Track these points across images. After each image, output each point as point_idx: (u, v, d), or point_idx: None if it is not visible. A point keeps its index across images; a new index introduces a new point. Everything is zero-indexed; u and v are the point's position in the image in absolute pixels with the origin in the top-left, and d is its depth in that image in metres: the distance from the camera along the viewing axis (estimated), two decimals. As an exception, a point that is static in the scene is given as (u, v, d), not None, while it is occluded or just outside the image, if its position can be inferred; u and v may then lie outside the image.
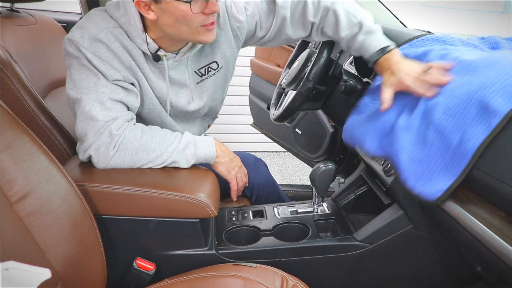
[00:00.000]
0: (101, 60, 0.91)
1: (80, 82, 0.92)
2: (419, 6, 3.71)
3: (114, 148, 0.92)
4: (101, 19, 0.93)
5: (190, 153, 0.99)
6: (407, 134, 0.88)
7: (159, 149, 0.96)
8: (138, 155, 0.95)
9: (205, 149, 1.01)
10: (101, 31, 0.91)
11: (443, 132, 0.80)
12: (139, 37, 0.94)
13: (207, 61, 1.08)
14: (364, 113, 1.06)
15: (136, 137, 0.94)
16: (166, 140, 0.97)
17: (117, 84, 0.94)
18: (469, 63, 0.85)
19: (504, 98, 0.72)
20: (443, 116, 0.81)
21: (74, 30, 0.93)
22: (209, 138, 1.04)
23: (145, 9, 0.89)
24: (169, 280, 0.89)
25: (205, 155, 1.01)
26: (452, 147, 0.77)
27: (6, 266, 0.56)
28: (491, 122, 0.72)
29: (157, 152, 0.96)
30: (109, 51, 0.92)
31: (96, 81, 0.91)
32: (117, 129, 0.92)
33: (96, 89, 0.91)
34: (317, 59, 1.04)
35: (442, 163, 0.79)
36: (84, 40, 0.90)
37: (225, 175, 1.07)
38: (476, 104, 0.75)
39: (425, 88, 0.88)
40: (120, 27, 0.93)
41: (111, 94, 0.92)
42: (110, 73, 0.92)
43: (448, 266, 1.05)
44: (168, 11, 0.87)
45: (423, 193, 0.81)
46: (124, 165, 0.95)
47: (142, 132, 0.96)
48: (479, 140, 0.73)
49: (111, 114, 0.92)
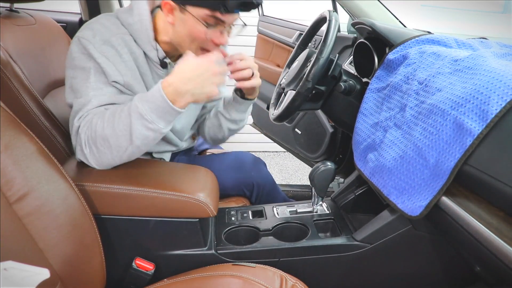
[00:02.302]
0: (107, 60, 0.93)
1: (75, 85, 0.93)
2: (419, 6, 3.71)
3: (86, 146, 0.89)
4: (112, 25, 0.96)
5: (143, 125, 0.85)
6: (390, 149, 0.93)
7: (127, 129, 0.85)
8: (112, 145, 0.87)
9: (154, 104, 0.84)
10: (113, 36, 0.94)
11: (420, 150, 0.83)
12: (149, 43, 0.97)
13: None
14: (367, 116, 1.08)
15: (98, 128, 0.86)
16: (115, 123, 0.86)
17: (114, 86, 0.94)
18: (446, 76, 0.86)
19: (477, 118, 0.73)
20: (420, 136, 0.84)
21: (85, 30, 0.94)
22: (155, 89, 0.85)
23: (167, 11, 0.94)
24: (168, 280, 0.89)
25: (157, 106, 0.84)
26: (430, 165, 0.81)
27: (5, 265, 0.56)
28: (465, 142, 0.74)
29: (126, 132, 0.85)
30: (117, 55, 0.94)
31: (88, 84, 0.91)
32: (84, 126, 0.89)
33: (87, 94, 0.91)
34: (316, 59, 1.04)
35: (421, 179, 0.84)
36: (95, 40, 0.92)
37: (201, 98, 0.87)
38: (451, 124, 0.78)
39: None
40: (130, 34, 0.97)
41: (99, 98, 0.92)
42: (113, 73, 0.93)
43: (447, 266, 1.05)
44: (186, 23, 0.92)
45: (405, 209, 0.86)
46: (106, 161, 0.89)
47: (103, 120, 0.87)
48: (454, 160, 0.76)
49: (84, 115, 0.90)
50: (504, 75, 0.74)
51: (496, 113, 0.71)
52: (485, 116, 0.72)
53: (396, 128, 0.95)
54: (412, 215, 0.84)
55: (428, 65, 0.93)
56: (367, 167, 1.01)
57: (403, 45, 1.06)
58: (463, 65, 0.85)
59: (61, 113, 1.19)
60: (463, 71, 0.84)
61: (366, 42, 1.20)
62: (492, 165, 0.71)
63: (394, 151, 0.92)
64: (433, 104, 0.83)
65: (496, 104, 0.72)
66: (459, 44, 1.03)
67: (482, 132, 0.72)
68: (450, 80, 0.84)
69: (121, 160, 0.91)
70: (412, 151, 0.85)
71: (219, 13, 0.90)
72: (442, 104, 0.81)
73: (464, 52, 0.95)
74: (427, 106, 0.85)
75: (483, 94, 0.74)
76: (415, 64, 0.97)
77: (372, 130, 1.04)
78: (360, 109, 1.11)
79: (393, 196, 0.90)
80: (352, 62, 1.34)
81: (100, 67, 0.92)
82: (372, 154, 1.01)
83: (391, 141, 0.94)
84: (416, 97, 0.91)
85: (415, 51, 1.01)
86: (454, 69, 0.86)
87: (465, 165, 0.75)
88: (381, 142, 0.98)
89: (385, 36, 1.11)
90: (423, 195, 0.82)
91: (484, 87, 0.74)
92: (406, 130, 0.90)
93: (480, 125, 0.72)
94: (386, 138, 0.96)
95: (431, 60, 0.94)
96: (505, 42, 1.07)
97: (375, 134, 1.02)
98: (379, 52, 1.17)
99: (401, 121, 0.93)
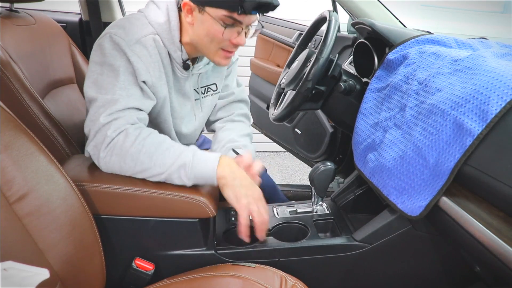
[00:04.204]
0: (139, 59, 0.94)
1: (100, 81, 0.92)
2: (419, 6, 3.71)
3: (105, 149, 0.88)
4: (142, 24, 0.97)
5: (184, 175, 0.89)
6: (390, 149, 0.93)
7: (148, 162, 0.88)
8: (126, 164, 0.88)
9: (203, 168, 0.89)
10: (144, 36, 0.95)
11: (420, 150, 0.83)
12: (174, 45, 0.99)
13: (208, 82, 1.17)
14: (367, 116, 1.08)
15: (127, 144, 0.88)
16: (159, 155, 0.89)
17: (141, 87, 0.95)
18: (446, 76, 0.86)
19: (477, 118, 0.73)
20: (420, 136, 0.84)
21: (117, 28, 0.94)
22: (214, 156, 0.91)
23: (187, 11, 0.96)
24: (168, 280, 0.89)
25: (203, 175, 0.89)
26: (430, 165, 0.81)
27: (5, 266, 0.56)
28: (465, 142, 0.74)
29: (145, 165, 0.88)
30: (148, 55, 0.96)
31: (116, 83, 0.91)
32: (113, 131, 0.88)
33: (113, 92, 0.91)
34: (316, 59, 1.04)
35: (421, 180, 0.84)
36: (129, 38, 0.93)
37: (232, 203, 0.91)
38: (451, 124, 0.77)
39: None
40: (158, 34, 0.98)
41: (126, 100, 0.91)
42: (144, 73, 0.94)
43: (447, 266, 1.05)
44: (204, 23, 0.94)
45: (405, 210, 0.86)
46: (114, 170, 0.90)
47: (135, 140, 0.88)
48: (454, 160, 0.76)
49: (114, 116, 0.90)
50: (504, 75, 0.74)
51: (496, 113, 0.71)
52: (485, 116, 0.72)
53: (396, 128, 0.95)
54: (412, 215, 0.84)
55: (428, 65, 0.93)
56: (367, 167, 1.01)
57: (403, 45, 1.06)
58: (463, 65, 0.85)
59: (61, 113, 1.19)
60: (463, 71, 0.84)
61: (366, 42, 1.20)
62: (492, 165, 0.71)
63: (394, 151, 0.92)
64: (433, 104, 0.83)
65: (496, 104, 0.72)
66: (459, 44, 1.03)
67: (482, 132, 0.72)
68: (450, 80, 0.84)
69: (128, 174, 0.91)
70: (412, 151, 0.85)
71: (236, 14, 0.91)
72: (442, 104, 0.81)
73: (464, 52, 0.95)
74: (427, 106, 0.85)
75: (483, 94, 0.74)
76: (415, 64, 0.97)
77: (372, 130, 1.04)
78: (360, 109, 1.11)
79: (393, 196, 0.90)
80: (352, 62, 1.34)
81: (131, 66, 0.93)
82: (372, 154, 1.01)
83: (391, 141, 0.94)
84: (416, 97, 0.91)
85: (415, 51, 1.01)
86: (454, 69, 0.86)
87: (465, 165, 0.75)
88: (381, 142, 0.98)
89: (385, 36, 1.11)
90: (423, 195, 0.82)
91: (484, 87, 0.74)
92: (406, 130, 0.90)
93: (480, 125, 0.72)
94: (386, 138, 0.96)
95: (431, 60, 0.94)
96: (505, 42, 1.07)
97: (375, 134, 1.02)
98: (379, 52, 1.17)
99: (401, 121, 0.93)
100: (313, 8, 2.35)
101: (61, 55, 1.34)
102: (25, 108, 1.05)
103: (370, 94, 1.10)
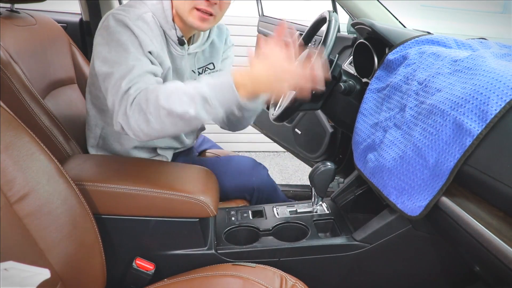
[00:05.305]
0: (143, 32, 0.97)
1: (111, 57, 0.94)
2: (418, 6, 3.71)
3: (130, 109, 0.88)
4: (140, 5, 1.02)
5: (211, 110, 0.85)
6: (390, 149, 0.93)
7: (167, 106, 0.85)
8: (151, 114, 0.86)
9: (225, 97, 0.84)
10: (144, 13, 1.00)
11: (420, 150, 0.83)
12: (168, 23, 1.03)
13: (205, 62, 1.18)
14: (367, 116, 1.08)
15: (148, 96, 0.86)
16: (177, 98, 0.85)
17: (148, 57, 0.97)
18: (445, 77, 0.86)
19: (477, 119, 0.73)
20: (420, 136, 0.84)
21: (117, 10, 0.98)
22: (226, 80, 0.85)
23: None
24: (168, 280, 0.89)
25: (229, 101, 0.85)
26: (429, 165, 0.81)
27: (6, 266, 0.56)
28: (464, 142, 0.74)
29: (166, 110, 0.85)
30: (150, 29, 0.99)
31: (127, 55, 0.93)
32: (135, 90, 0.89)
33: (127, 63, 0.93)
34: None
35: (421, 180, 0.84)
36: (130, 15, 0.97)
37: (279, 93, 0.89)
38: (450, 124, 0.78)
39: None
40: (153, 13, 1.02)
41: (140, 66, 0.93)
42: (149, 43, 0.97)
43: (447, 266, 1.05)
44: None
45: (405, 210, 0.86)
46: (144, 128, 0.87)
47: (153, 90, 0.87)
48: (454, 160, 0.76)
49: (134, 81, 0.90)
50: (504, 75, 0.74)
51: (496, 114, 0.71)
52: (484, 116, 0.72)
53: (396, 129, 0.95)
54: (412, 215, 0.84)
55: (428, 66, 0.94)
56: (367, 167, 1.02)
57: (403, 46, 1.06)
58: (463, 66, 0.85)
59: (62, 113, 1.19)
60: (462, 71, 0.84)
61: (366, 42, 1.20)
62: (491, 165, 0.71)
63: (394, 151, 0.92)
64: (432, 105, 0.83)
65: (495, 104, 0.72)
66: (458, 45, 1.04)
67: (481, 133, 0.72)
68: (449, 81, 0.84)
69: (158, 133, 0.88)
70: (411, 151, 0.85)
71: None
72: (441, 105, 0.81)
73: (463, 52, 0.95)
74: (426, 106, 0.85)
75: (482, 94, 0.74)
76: (414, 65, 0.97)
77: (372, 130, 1.04)
78: (360, 109, 1.11)
79: (392, 196, 0.90)
80: (352, 62, 1.34)
81: (137, 39, 0.95)
82: (372, 154, 1.01)
83: (391, 141, 0.94)
84: (416, 97, 0.91)
85: (414, 51, 1.01)
86: (453, 70, 0.86)
87: (464, 165, 0.75)
88: (381, 142, 0.99)
89: (384, 37, 1.11)
90: (423, 195, 0.82)
91: (483, 88, 0.75)
92: (406, 130, 0.90)
93: (480, 126, 0.73)
94: (386, 138, 0.96)
95: (431, 60, 0.94)
96: (505, 42, 1.07)
97: (375, 134, 1.02)
98: (379, 52, 1.17)
99: (401, 122, 0.93)
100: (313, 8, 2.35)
101: (62, 56, 1.34)
102: (25, 108, 1.05)
103: (370, 94, 1.10)
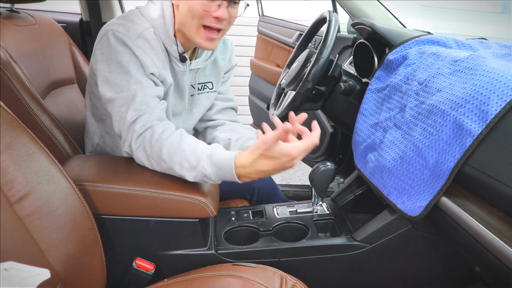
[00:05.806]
0: (144, 53, 0.94)
1: (112, 79, 0.93)
2: (419, 6, 3.72)
3: (135, 144, 0.91)
4: (139, 20, 0.98)
5: (208, 179, 0.88)
6: (390, 149, 0.94)
7: (169, 163, 0.89)
8: (154, 160, 0.91)
9: (223, 173, 0.86)
10: (145, 29, 0.97)
11: (420, 150, 0.83)
12: (169, 39, 1.00)
13: (205, 79, 1.16)
14: (367, 116, 1.08)
15: (152, 142, 0.89)
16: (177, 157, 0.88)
17: (150, 78, 0.96)
18: (446, 77, 0.86)
19: (477, 119, 0.74)
20: (420, 136, 0.84)
21: (116, 25, 0.95)
22: (228, 162, 0.85)
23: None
24: (168, 280, 0.89)
25: (226, 177, 0.87)
26: (430, 166, 0.81)
27: (6, 266, 0.56)
28: (465, 142, 0.74)
29: (167, 165, 0.89)
30: (151, 48, 0.97)
31: (129, 78, 0.92)
32: (140, 126, 0.90)
33: (129, 88, 0.92)
34: (316, 59, 1.04)
35: (421, 180, 0.84)
36: (130, 33, 0.94)
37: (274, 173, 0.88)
38: (450, 125, 0.78)
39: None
40: (154, 29, 0.99)
41: (143, 92, 0.93)
42: (150, 65, 0.95)
43: (447, 266, 1.05)
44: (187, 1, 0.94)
45: (405, 210, 0.86)
46: (146, 165, 0.93)
47: (159, 138, 0.89)
48: (454, 160, 0.76)
49: (139, 112, 0.91)
50: (504, 75, 0.74)
51: (496, 114, 0.71)
52: (484, 116, 0.72)
53: (396, 129, 0.95)
54: (412, 216, 0.84)
55: (428, 66, 0.94)
56: (367, 167, 1.02)
57: (403, 46, 1.06)
58: (463, 66, 0.85)
59: (62, 113, 1.19)
60: (462, 71, 0.84)
61: (366, 42, 1.20)
62: (491, 165, 0.71)
63: (394, 151, 0.92)
64: (432, 105, 0.83)
65: (495, 104, 0.72)
66: (458, 45, 1.04)
67: (481, 133, 0.72)
68: (449, 81, 0.84)
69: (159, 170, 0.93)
70: (412, 151, 0.85)
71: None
72: (441, 105, 0.81)
73: (463, 52, 0.95)
74: (427, 106, 0.85)
75: (482, 94, 0.74)
76: (415, 65, 0.98)
77: (372, 131, 1.04)
78: (360, 109, 1.11)
79: (393, 196, 0.90)
80: (352, 62, 1.34)
81: (138, 60, 0.93)
82: (372, 155, 1.01)
83: (391, 141, 0.94)
84: (416, 97, 0.91)
85: (415, 51, 1.01)
86: (453, 70, 0.86)
87: (465, 165, 0.75)
88: (381, 142, 0.99)
89: (385, 37, 1.11)
90: (423, 196, 0.82)
91: (483, 88, 0.75)
92: (406, 130, 0.90)
93: (480, 126, 0.73)
94: (386, 139, 0.96)
95: (431, 60, 0.94)
96: (505, 42, 1.07)
97: (375, 134, 1.02)
98: (379, 52, 1.17)
99: (401, 122, 0.93)
100: (313, 8, 2.36)
101: (62, 56, 1.35)
102: (25, 108, 1.05)
103: (370, 95, 1.10)
